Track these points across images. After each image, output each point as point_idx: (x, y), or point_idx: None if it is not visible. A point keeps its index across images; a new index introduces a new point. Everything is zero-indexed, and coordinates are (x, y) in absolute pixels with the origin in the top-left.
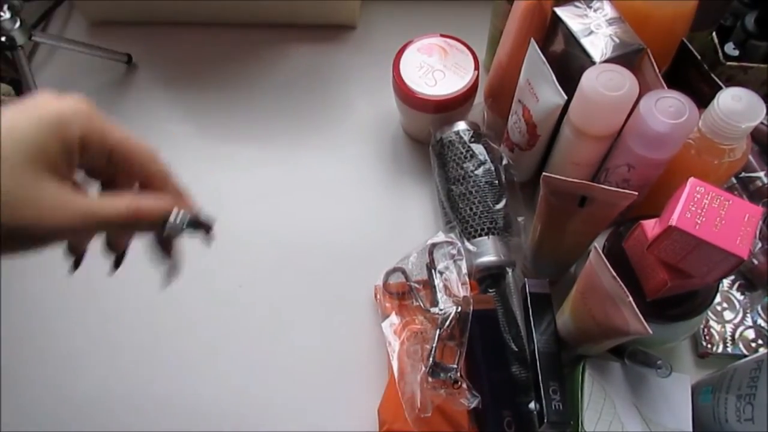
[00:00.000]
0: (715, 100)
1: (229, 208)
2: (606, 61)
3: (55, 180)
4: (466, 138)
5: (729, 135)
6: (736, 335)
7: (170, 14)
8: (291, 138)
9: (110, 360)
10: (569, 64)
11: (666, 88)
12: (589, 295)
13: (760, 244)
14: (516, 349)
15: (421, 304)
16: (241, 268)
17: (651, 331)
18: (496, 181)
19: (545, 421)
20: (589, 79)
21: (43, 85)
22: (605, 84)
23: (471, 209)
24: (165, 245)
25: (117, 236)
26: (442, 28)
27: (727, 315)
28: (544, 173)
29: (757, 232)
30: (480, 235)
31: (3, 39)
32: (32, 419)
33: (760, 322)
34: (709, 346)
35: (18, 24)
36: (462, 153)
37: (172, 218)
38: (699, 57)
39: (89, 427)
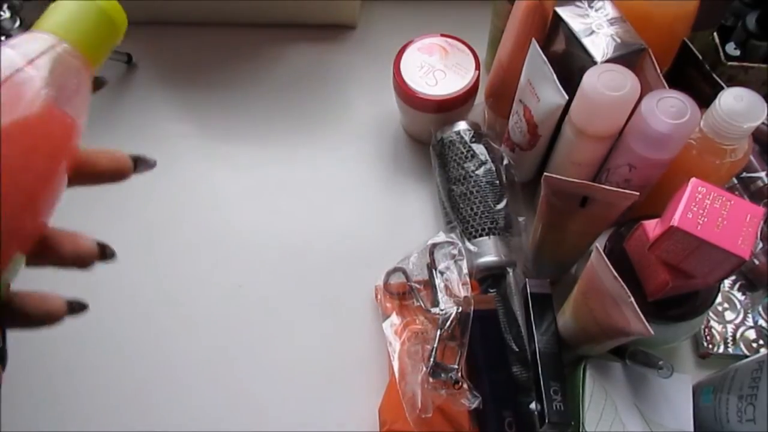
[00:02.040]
0: (716, 100)
1: (229, 208)
2: (607, 61)
3: None
4: (466, 138)
5: (730, 135)
6: (737, 335)
7: (170, 14)
8: (291, 138)
9: (109, 360)
10: (570, 64)
11: (667, 88)
12: (591, 295)
13: (761, 245)
14: (517, 350)
15: (422, 305)
16: (241, 268)
17: (652, 332)
18: (497, 181)
19: (546, 421)
20: (590, 79)
21: None
22: (606, 84)
23: (472, 209)
24: None
25: None
26: (442, 28)
27: (728, 315)
28: (545, 173)
29: (758, 233)
30: (481, 235)
31: (2, 38)
32: (32, 419)
33: (761, 322)
34: (710, 346)
35: (18, 23)
36: (463, 153)
37: None
38: (700, 57)
39: (89, 427)
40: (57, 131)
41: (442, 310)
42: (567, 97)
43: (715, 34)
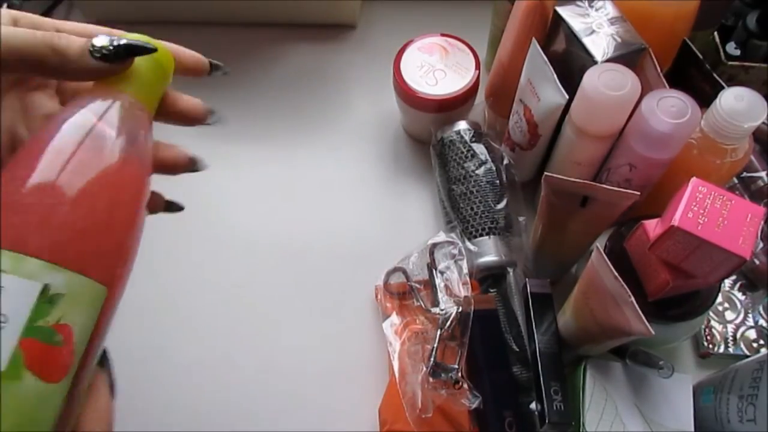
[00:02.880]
0: (717, 100)
1: (229, 208)
2: (608, 61)
3: None
4: (467, 137)
5: (731, 135)
6: (738, 335)
7: (170, 13)
8: (291, 137)
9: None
10: (571, 63)
11: (668, 87)
12: (591, 295)
13: (761, 244)
14: (517, 350)
15: (422, 304)
16: (240, 267)
17: (653, 332)
18: (497, 181)
19: (546, 421)
20: (590, 79)
21: None
22: (607, 83)
23: (472, 209)
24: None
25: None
26: (442, 28)
27: (729, 315)
28: (545, 173)
29: (759, 232)
30: (481, 235)
31: None
32: None
33: (762, 322)
34: (710, 346)
35: None
36: (463, 152)
37: (97, 42)
38: (701, 56)
39: None
40: (135, 179)
41: (442, 309)
42: (567, 97)
43: (715, 33)
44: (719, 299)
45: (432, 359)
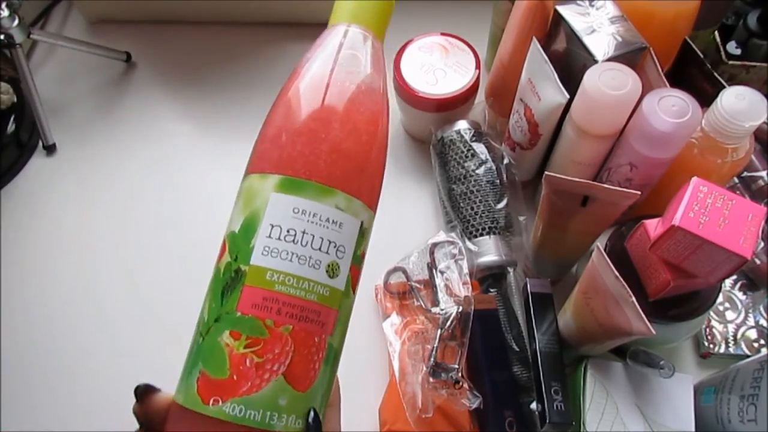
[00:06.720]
0: (718, 99)
1: (228, 208)
2: (608, 60)
3: None
4: (467, 137)
5: (732, 134)
6: (738, 335)
7: (169, 12)
8: None
9: (110, 361)
10: (571, 62)
11: (669, 86)
12: (592, 294)
13: (762, 244)
14: (517, 349)
15: (422, 304)
16: None
17: (654, 331)
18: (498, 181)
19: (547, 421)
20: (591, 78)
21: (41, 82)
22: (608, 83)
23: (472, 208)
24: None
25: None
26: (443, 27)
27: (729, 315)
28: (546, 172)
29: (760, 232)
30: (481, 235)
31: (1, 37)
32: (32, 419)
33: (762, 322)
34: (711, 346)
35: (16, 22)
36: (463, 152)
37: None
38: (702, 56)
39: (89, 427)
40: (385, 121)
41: (442, 309)
42: (568, 96)
43: (716, 32)
44: (720, 299)
45: (432, 359)
